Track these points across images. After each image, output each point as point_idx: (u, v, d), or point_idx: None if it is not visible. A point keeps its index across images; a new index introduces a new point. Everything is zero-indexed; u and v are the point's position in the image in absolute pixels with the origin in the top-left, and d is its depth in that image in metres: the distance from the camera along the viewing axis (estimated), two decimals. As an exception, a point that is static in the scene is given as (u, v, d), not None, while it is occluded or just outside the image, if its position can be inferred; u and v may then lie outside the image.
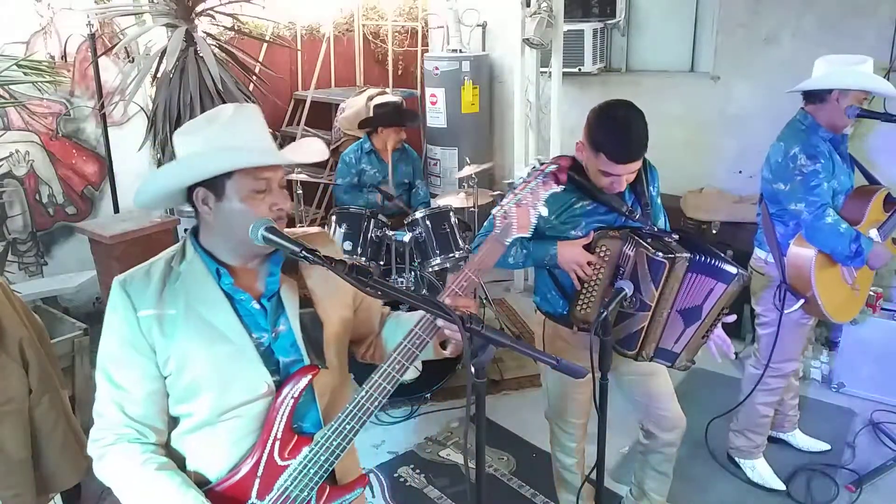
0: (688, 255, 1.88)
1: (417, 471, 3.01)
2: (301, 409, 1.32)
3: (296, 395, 1.30)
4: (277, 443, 1.29)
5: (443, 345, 1.42)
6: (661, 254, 1.86)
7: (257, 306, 1.32)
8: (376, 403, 1.29)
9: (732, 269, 1.89)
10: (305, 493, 1.30)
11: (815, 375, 3.62)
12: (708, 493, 2.80)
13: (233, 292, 1.31)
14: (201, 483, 1.31)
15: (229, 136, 1.27)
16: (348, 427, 1.29)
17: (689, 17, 4.66)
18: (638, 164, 1.96)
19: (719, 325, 2.01)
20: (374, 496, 2.85)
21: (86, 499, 2.84)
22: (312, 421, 1.36)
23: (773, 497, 2.77)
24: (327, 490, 1.34)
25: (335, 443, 1.29)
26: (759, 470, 2.87)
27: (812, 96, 2.51)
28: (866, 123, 3.65)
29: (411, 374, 3.46)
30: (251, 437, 1.30)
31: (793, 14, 4.03)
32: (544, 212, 1.33)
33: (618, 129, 1.91)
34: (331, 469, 1.31)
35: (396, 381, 1.29)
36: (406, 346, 1.29)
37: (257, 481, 1.29)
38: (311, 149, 1.39)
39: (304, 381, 1.30)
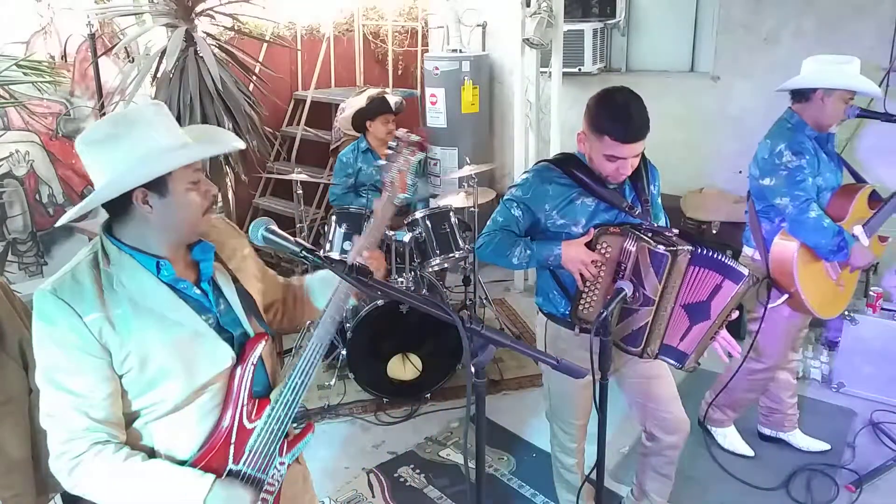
0: (689, 247, 1.89)
1: (417, 471, 3.01)
2: (255, 374, 1.44)
3: (255, 362, 1.42)
4: (245, 408, 1.40)
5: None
6: (662, 247, 1.87)
7: (198, 291, 1.39)
8: (318, 357, 1.45)
9: (744, 270, 1.89)
10: (272, 448, 1.44)
11: (815, 375, 3.63)
12: (708, 494, 2.80)
13: (174, 282, 1.35)
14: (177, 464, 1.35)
15: (162, 136, 1.30)
16: (300, 382, 1.44)
17: (689, 17, 4.66)
18: (642, 146, 1.96)
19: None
20: (374, 496, 2.86)
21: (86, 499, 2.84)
22: (263, 384, 1.48)
23: (773, 497, 2.77)
24: (286, 443, 1.49)
25: (290, 398, 1.43)
26: (730, 438, 3.03)
27: (798, 95, 2.57)
28: (853, 124, 3.65)
29: (411, 373, 3.47)
30: (215, 411, 1.38)
31: (793, 14, 4.03)
32: (410, 179, 1.59)
33: (620, 109, 1.93)
34: (289, 422, 1.45)
35: (332, 333, 1.47)
36: (335, 301, 1.46)
37: (232, 447, 1.39)
38: (226, 136, 1.47)
39: (259, 348, 1.44)
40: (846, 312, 3.41)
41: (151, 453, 1.35)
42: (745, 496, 2.79)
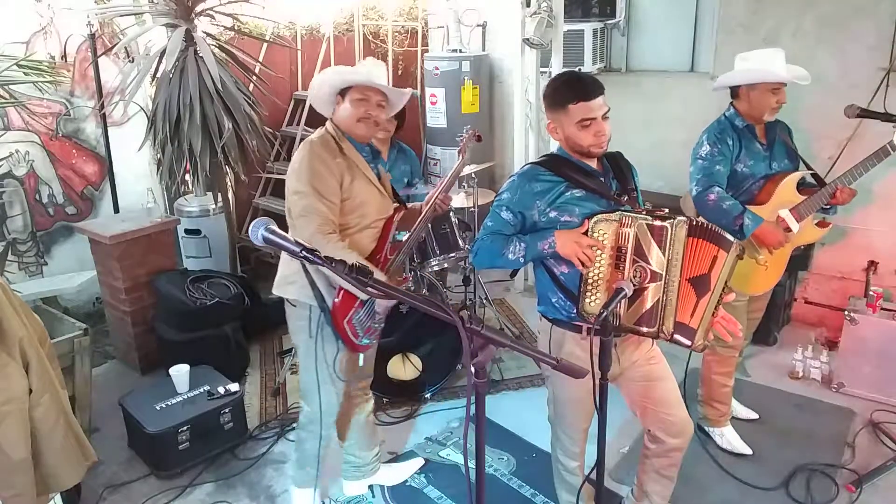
0: (685, 218, 1.93)
1: (417, 471, 3.01)
2: None
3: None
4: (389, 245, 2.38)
5: None
6: (659, 221, 1.92)
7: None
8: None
9: (730, 237, 1.95)
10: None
11: (815, 375, 3.62)
12: (708, 494, 2.80)
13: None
14: None
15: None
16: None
17: (689, 17, 4.66)
18: (605, 103, 2.03)
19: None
20: (374, 496, 2.86)
21: (86, 499, 2.84)
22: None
23: (773, 497, 2.77)
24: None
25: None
26: (728, 437, 3.07)
27: (732, 92, 2.79)
28: (853, 124, 3.66)
29: (411, 373, 3.47)
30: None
31: (793, 14, 4.03)
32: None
33: (569, 77, 2.13)
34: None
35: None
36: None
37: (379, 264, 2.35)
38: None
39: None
40: (846, 313, 3.43)
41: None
42: (745, 496, 2.79)
